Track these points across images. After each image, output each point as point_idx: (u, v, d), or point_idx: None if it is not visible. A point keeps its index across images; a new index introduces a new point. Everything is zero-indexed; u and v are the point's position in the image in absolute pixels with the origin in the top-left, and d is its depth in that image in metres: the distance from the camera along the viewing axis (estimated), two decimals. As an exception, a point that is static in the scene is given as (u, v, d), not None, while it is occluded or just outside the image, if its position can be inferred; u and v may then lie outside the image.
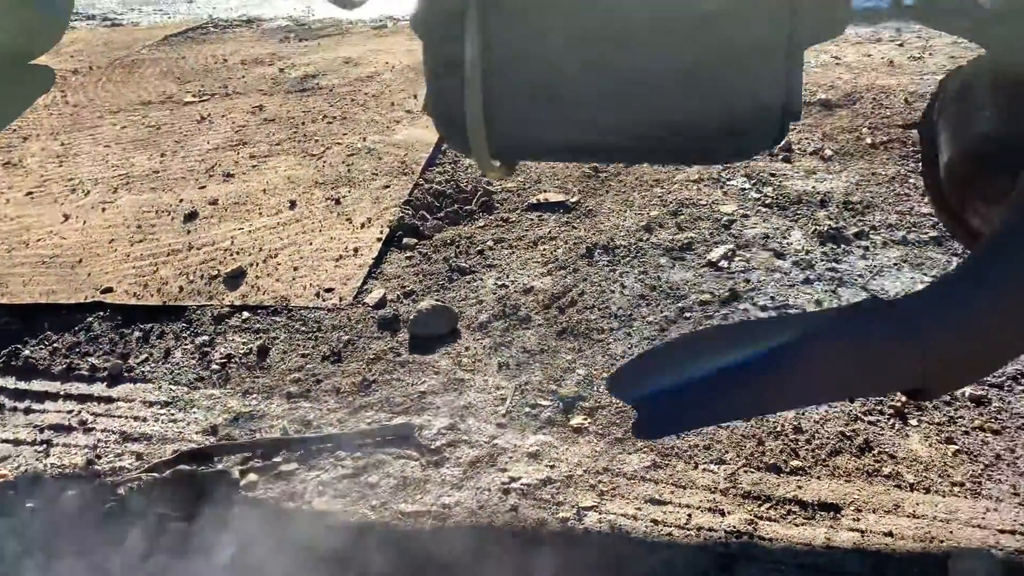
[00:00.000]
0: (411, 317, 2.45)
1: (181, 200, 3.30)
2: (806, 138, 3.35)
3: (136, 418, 2.22)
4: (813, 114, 3.55)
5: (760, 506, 1.77)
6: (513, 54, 1.09)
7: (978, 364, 1.03)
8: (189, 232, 3.07)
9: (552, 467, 1.92)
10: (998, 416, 1.94)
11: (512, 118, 1.11)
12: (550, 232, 2.92)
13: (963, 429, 1.92)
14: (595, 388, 2.16)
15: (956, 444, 1.88)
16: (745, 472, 1.86)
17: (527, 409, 2.10)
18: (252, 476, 1.98)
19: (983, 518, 1.69)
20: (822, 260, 2.58)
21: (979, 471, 1.80)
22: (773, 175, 3.08)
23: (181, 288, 2.73)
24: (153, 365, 2.43)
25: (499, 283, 2.66)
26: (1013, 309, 0.99)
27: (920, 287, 2.40)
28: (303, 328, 2.50)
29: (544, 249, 2.83)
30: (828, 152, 3.21)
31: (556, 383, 2.18)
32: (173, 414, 2.23)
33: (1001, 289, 0.99)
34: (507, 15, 1.07)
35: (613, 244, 2.79)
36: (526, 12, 1.06)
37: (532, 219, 3.03)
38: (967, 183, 1.25)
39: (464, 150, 1.14)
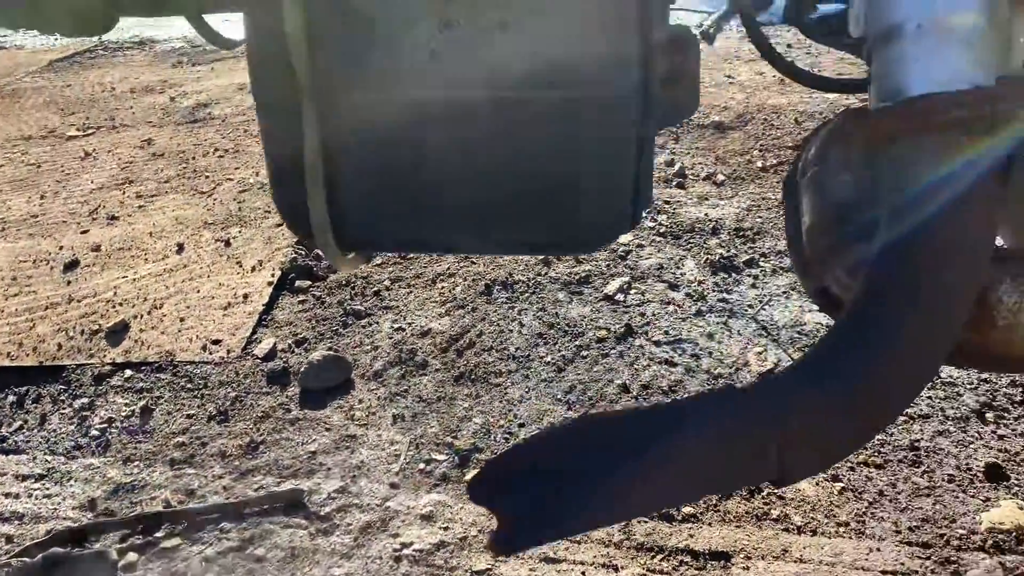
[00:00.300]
0: (302, 369, 2.37)
1: (61, 247, 3.14)
2: (700, 162, 3.39)
3: (8, 495, 2.09)
4: (707, 137, 3.60)
5: (653, 558, 1.77)
6: (355, 148, 1.04)
7: (833, 450, 1.03)
8: (69, 283, 2.92)
9: (446, 528, 1.88)
10: (881, 449, 1.99)
11: (359, 212, 1.06)
12: (449, 269, 2.88)
13: (848, 465, 1.95)
14: (492, 437, 2.13)
15: (842, 481, 1.91)
16: (639, 522, 1.85)
17: (421, 465, 2.06)
18: (132, 555, 1.88)
19: (867, 559, 1.72)
20: (714, 291, 2.60)
21: (863, 509, 1.84)
22: (668, 202, 3.11)
23: (60, 345, 2.59)
24: (28, 433, 2.29)
25: (396, 326, 2.60)
26: (864, 396, 0.99)
27: (801, 323, 2.45)
28: (189, 385, 2.40)
29: (443, 287, 2.79)
30: (720, 177, 3.26)
31: (452, 434, 2.14)
32: (48, 488, 2.10)
33: (852, 374, 0.99)
34: (346, 107, 1.03)
35: (512, 280, 2.76)
36: (364, 105, 1.02)
37: (431, 255, 2.98)
38: (827, 252, 1.24)
39: (311, 245, 1.09)
